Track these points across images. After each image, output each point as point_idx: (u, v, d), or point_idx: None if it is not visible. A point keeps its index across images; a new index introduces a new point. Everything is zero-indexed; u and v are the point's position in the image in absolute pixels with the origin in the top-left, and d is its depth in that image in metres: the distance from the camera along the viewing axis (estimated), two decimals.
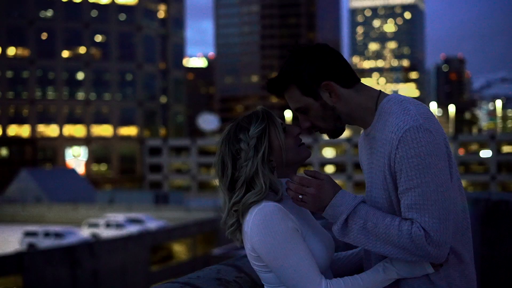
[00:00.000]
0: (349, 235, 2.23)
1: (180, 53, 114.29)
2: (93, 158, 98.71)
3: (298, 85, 2.35)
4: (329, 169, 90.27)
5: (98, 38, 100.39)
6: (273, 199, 2.27)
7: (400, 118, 2.23)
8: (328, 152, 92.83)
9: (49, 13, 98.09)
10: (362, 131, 2.51)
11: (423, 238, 2.12)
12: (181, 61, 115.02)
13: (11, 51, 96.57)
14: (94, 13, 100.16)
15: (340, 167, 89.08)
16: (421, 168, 2.15)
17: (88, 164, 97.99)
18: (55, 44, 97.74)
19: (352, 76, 2.39)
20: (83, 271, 34.29)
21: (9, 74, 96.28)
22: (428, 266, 2.23)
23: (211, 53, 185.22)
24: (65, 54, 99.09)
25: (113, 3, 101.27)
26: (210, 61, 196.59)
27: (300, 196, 2.25)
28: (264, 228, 2.19)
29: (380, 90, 2.43)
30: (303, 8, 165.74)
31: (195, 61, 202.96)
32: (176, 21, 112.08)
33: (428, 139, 2.17)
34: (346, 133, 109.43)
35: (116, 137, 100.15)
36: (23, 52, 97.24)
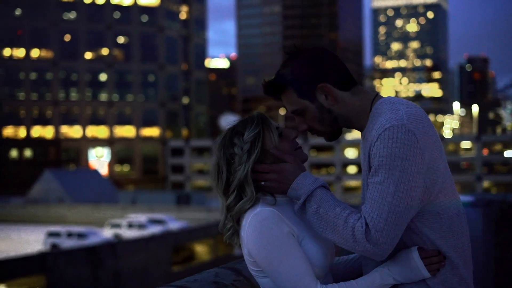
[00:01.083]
0: (307, 216, 2.26)
1: (202, 54, 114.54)
2: (116, 159, 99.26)
3: (294, 87, 2.36)
4: (352, 169, 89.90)
5: (121, 39, 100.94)
6: (269, 204, 2.28)
7: (385, 117, 2.23)
8: (351, 153, 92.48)
9: (72, 15, 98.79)
10: None
11: (363, 234, 2.12)
12: (203, 62, 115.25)
13: (35, 53, 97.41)
14: (116, 14, 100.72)
15: None
16: (388, 169, 2.14)
17: (111, 164, 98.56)
18: (78, 45, 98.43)
19: (349, 79, 2.39)
20: (105, 271, 34.47)
21: (33, 75, 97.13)
22: (424, 270, 2.22)
23: (233, 54, 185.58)
24: (88, 55, 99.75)
25: (135, 4, 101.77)
26: (232, 62, 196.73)
27: (262, 183, 2.29)
28: (259, 233, 2.20)
29: (377, 93, 2.41)
30: (324, 8, 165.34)
31: (217, 61, 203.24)
32: (198, 22, 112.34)
33: (405, 141, 2.15)
34: None
35: (138, 138, 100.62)
36: (46, 54, 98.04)
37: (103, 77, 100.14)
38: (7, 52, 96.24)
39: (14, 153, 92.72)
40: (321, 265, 2.26)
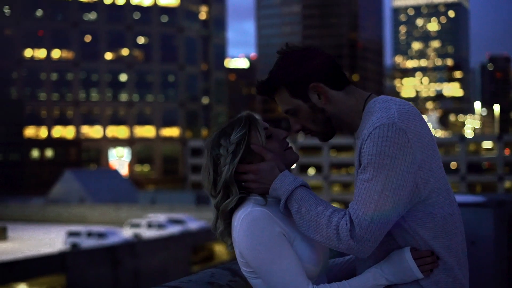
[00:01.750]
0: (292, 216, 2.25)
1: (222, 54, 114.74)
2: (136, 159, 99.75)
3: (287, 87, 2.35)
4: None
5: (141, 40, 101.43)
6: (260, 204, 2.27)
7: (377, 116, 2.21)
8: None
9: (93, 15, 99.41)
10: None
11: (348, 232, 2.10)
12: (222, 62, 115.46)
13: (56, 53, 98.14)
14: (136, 15, 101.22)
15: None
16: (377, 167, 2.13)
17: (131, 165, 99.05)
18: (98, 46, 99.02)
19: (342, 78, 2.38)
20: (124, 271, 34.66)
21: (54, 76, 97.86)
22: (417, 271, 2.20)
23: (252, 54, 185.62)
24: (108, 56, 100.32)
25: (155, 5, 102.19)
26: (252, 62, 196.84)
27: (242, 184, 2.29)
28: (250, 233, 2.18)
29: (371, 93, 2.40)
30: (344, 8, 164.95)
31: (237, 62, 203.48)
32: (217, 22, 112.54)
33: (396, 140, 2.14)
34: None
35: (158, 138, 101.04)
36: (67, 54, 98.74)
37: (123, 77, 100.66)
38: (28, 53, 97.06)
39: (35, 153, 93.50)
40: (313, 266, 2.24)
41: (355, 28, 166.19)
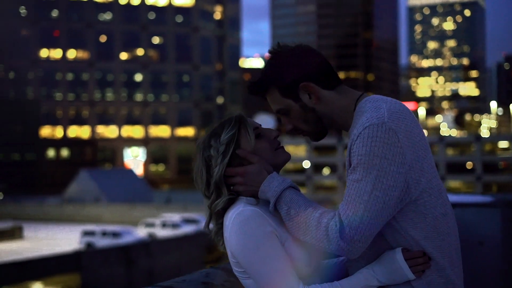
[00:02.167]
0: (283, 218, 2.24)
1: (237, 54, 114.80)
2: (151, 159, 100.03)
3: (278, 86, 2.34)
4: None
5: (156, 40, 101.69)
6: (251, 203, 2.26)
7: (367, 115, 2.20)
8: None
9: (108, 16, 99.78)
10: None
11: (338, 233, 2.09)
12: (237, 62, 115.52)
13: (71, 54, 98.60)
14: (151, 15, 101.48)
15: None
16: (366, 167, 2.11)
17: (146, 164, 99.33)
18: (113, 46, 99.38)
19: (333, 78, 2.36)
20: (138, 270, 34.78)
21: (70, 76, 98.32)
22: (408, 272, 2.18)
23: (267, 54, 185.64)
24: (124, 56, 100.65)
25: (170, 5, 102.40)
26: (266, 62, 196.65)
27: (231, 187, 2.29)
28: (241, 233, 2.17)
29: (363, 92, 2.38)
30: (359, 7, 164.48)
31: (252, 61, 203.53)
32: (232, 22, 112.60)
33: (385, 140, 2.12)
34: None
35: (173, 138, 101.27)
36: (83, 54, 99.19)
37: (138, 77, 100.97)
38: (44, 53, 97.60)
39: (51, 153, 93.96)
40: (305, 266, 2.22)
41: (370, 27, 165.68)
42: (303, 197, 2.23)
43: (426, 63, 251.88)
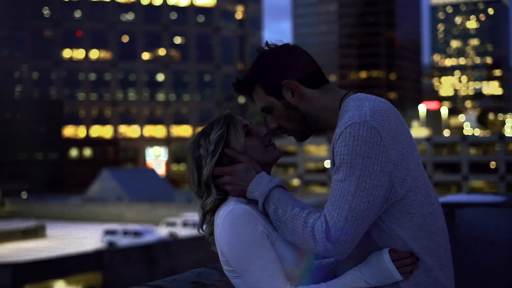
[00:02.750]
0: (270, 218, 2.22)
1: None
2: (173, 158, 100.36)
3: (262, 84, 2.34)
4: None
5: (178, 40, 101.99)
6: (242, 202, 2.25)
7: (349, 114, 2.18)
8: None
9: (130, 16, 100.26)
10: None
11: (323, 233, 2.07)
12: None
13: (94, 54, 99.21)
14: (173, 15, 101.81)
15: None
16: (349, 167, 2.09)
17: (168, 164, 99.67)
18: (135, 46, 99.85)
19: (318, 77, 2.35)
20: (159, 269, 34.92)
21: (92, 76, 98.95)
22: (396, 273, 2.14)
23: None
24: (146, 56, 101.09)
25: (191, 5, 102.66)
26: None
27: (221, 186, 2.28)
28: (231, 231, 2.16)
29: (348, 91, 2.36)
30: (382, 6, 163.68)
31: None
32: (253, 22, 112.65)
33: (368, 138, 2.09)
34: (425, 132, 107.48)
35: None
36: (105, 55, 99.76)
37: (160, 77, 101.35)
38: (67, 53, 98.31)
39: (74, 152, 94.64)
40: (294, 267, 2.20)
41: (393, 26, 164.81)
42: (290, 196, 2.21)
43: (449, 62, 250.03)
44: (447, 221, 4.30)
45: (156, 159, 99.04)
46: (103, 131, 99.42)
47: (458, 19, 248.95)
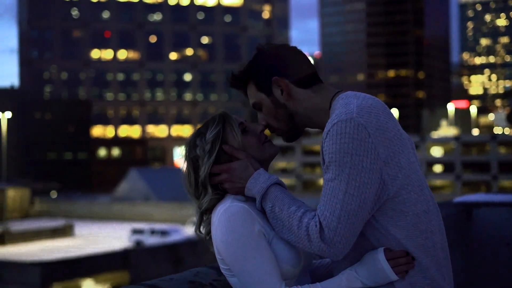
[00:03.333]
0: (267, 216, 2.20)
1: None
2: None
3: (254, 80, 2.35)
4: (437, 168, 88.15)
5: (205, 39, 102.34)
6: (239, 200, 2.23)
7: (336, 112, 2.16)
8: (436, 151, 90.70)
9: (158, 16, 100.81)
10: None
11: (318, 233, 2.05)
12: None
13: (122, 54, 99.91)
14: (200, 15, 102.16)
15: (449, 167, 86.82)
16: (338, 165, 2.07)
17: None
18: (163, 46, 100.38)
19: (310, 77, 2.34)
20: (186, 268, 34.93)
21: (120, 76, 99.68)
22: (391, 273, 2.11)
23: (316, 52, 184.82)
24: (173, 56, 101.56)
25: (219, 5, 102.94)
26: (316, 60, 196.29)
27: (219, 185, 2.27)
28: (226, 229, 2.14)
29: (339, 90, 2.34)
30: (409, 4, 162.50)
31: None
32: (280, 21, 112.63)
33: (355, 136, 2.07)
34: (454, 131, 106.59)
35: None
36: (133, 55, 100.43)
37: (187, 77, 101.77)
38: (95, 54, 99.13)
39: (102, 152, 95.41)
40: (292, 266, 2.18)
41: (421, 25, 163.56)
42: (288, 194, 2.19)
43: (478, 60, 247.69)
44: (464, 221, 4.26)
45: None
46: (131, 131, 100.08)
47: (487, 17, 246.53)
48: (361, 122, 2.09)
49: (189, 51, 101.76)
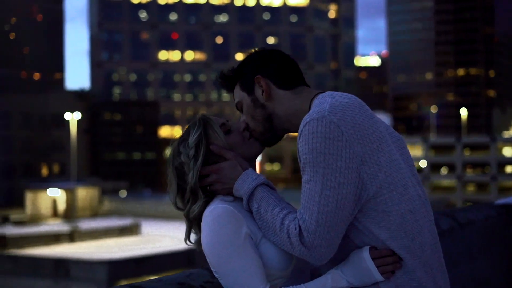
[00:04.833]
0: (254, 217, 2.17)
1: (351, 52, 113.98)
2: (267, 158, 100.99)
3: (239, 80, 2.34)
4: (509, 169, 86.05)
5: (271, 40, 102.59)
6: (226, 201, 2.20)
7: (310, 111, 2.12)
8: (508, 151, 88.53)
9: (224, 17, 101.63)
10: None
11: (297, 237, 2.00)
12: (352, 61, 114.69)
13: (189, 55, 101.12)
14: (266, 15, 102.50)
15: None
16: (312, 166, 2.02)
17: (262, 163, 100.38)
18: (229, 47, 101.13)
19: (292, 79, 2.31)
20: None
21: (187, 77, 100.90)
22: (376, 273, 2.05)
23: (384, 51, 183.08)
24: (239, 56, 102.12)
25: (284, 5, 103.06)
26: (383, 60, 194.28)
27: (208, 187, 2.24)
28: (210, 231, 2.12)
29: (321, 91, 2.29)
30: (479, 1, 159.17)
31: (368, 59, 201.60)
32: (346, 20, 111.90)
33: (327, 134, 2.01)
34: None
35: (288, 137, 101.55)
36: (200, 56, 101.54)
37: None
38: (163, 55, 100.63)
39: (169, 152, 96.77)
40: (281, 266, 2.14)
41: (491, 22, 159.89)
42: (274, 195, 2.15)
43: None
44: (504, 223, 4.14)
45: None
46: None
47: None
48: (333, 120, 2.04)
49: None
